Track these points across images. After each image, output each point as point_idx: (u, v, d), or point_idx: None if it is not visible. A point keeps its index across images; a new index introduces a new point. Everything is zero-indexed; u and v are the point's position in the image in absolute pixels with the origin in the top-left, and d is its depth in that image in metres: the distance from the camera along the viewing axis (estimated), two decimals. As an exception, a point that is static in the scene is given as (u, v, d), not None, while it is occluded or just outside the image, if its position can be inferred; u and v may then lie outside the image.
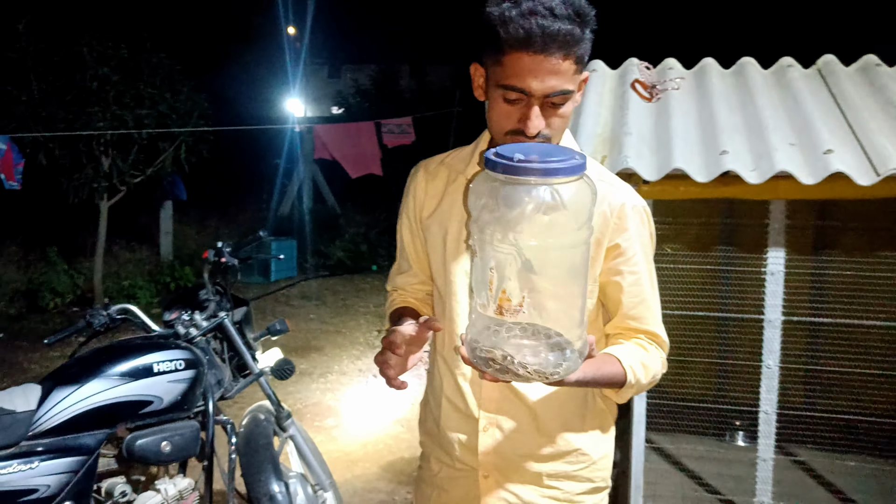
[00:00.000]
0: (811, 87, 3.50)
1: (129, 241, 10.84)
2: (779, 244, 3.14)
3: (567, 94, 1.33)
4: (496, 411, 1.52)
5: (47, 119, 7.84)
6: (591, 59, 3.86)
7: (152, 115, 8.27)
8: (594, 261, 1.46)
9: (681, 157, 3.04)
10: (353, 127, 11.02)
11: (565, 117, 1.38)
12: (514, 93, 1.32)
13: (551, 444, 1.53)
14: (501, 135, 1.38)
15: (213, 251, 3.03)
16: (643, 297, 1.51)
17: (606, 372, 1.42)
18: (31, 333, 7.41)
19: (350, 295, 9.61)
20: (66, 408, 2.35)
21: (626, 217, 1.47)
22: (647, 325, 1.53)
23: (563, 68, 1.30)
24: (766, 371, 3.21)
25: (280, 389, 3.29)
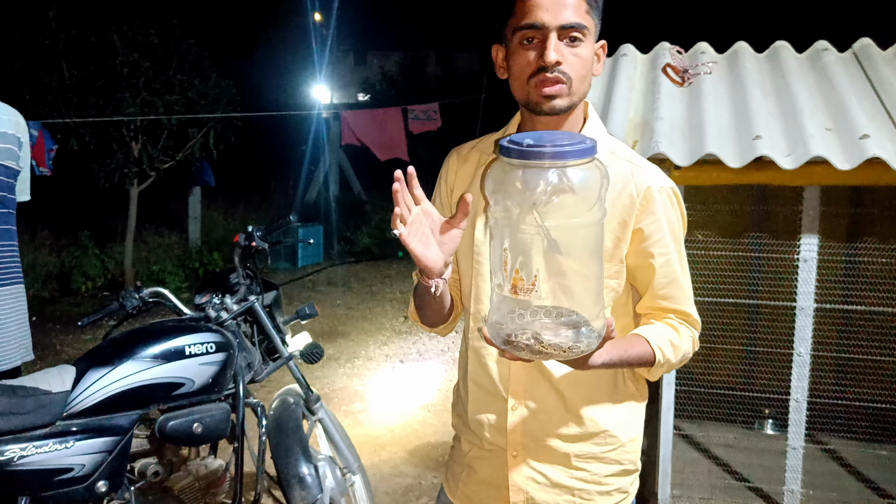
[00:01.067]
0: (847, 72, 3.44)
1: (158, 227, 10.96)
2: (812, 231, 3.10)
3: (581, 28, 1.37)
4: (524, 392, 1.53)
5: (78, 105, 7.93)
6: (622, 44, 3.84)
7: (181, 101, 8.33)
8: (620, 242, 1.48)
9: (713, 143, 3.01)
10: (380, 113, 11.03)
11: (583, 59, 1.40)
12: (529, 31, 1.38)
13: (579, 425, 1.53)
14: (524, 82, 1.42)
15: (243, 235, 3.04)
16: (673, 278, 1.52)
17: (634, 353, 1.44)
18: (63, 316, 7.53)
19: (376, 281, 9.64)
20: (100, 389, 2.38)
21: (652, 199, 1.47)
22: (679, 304, 1.53)
23: (571, 1, 1.36)
24: (797, 359, 3.18)
25: (308, 374, 3.31)
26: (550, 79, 1.38)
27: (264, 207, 14.20)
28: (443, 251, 1.37)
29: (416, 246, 1.33)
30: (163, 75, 8.28)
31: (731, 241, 3.40)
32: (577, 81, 1.40)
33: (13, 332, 2.72)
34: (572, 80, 1.39)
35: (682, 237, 1.55)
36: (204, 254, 9.78)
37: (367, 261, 11.09)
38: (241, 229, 3.16)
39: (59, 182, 8.21)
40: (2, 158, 2.70)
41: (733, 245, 3.39)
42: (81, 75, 8.01)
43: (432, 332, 1.71)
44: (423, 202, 1.36)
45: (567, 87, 1.39)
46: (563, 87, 1.39)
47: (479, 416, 1.60)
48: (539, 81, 1.39)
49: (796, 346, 3.16)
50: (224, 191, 12.22)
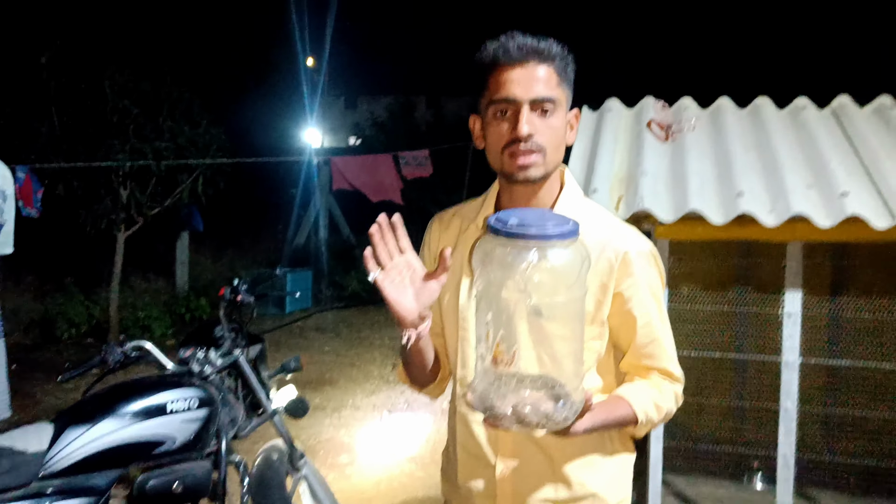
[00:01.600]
0: (826, 128, 3.50)
1: (145, 272, 10.90)
2: (796, 285, 3.12)
3: (551, 100, 1.43)
4: (512, 456, 1.54)
5: (67, 151, 7.95)
6: (606, 98, 3.90)
7: (171, 147, 8.36)
8: (601, 305, 1.52)
9: (697, 198, 3.04)
10: (371, 159, 11.09)
11: (555, 129, 1.46)
12: (502, 105, 1.44)
13: (568, 489, 1.54)
14: (499, 154, 1.47)
15: (229, 288, 3.03)
16: (654, 337, 1.55)
17: (617, 416, 1.48)
18: (45, 364, 7.43)
19: (365, 327, 9.59)
20: (78, 448, 2.34)
21: (631, 263, 1.51)
22: (660, 362, 1.57)
23: (542, 76, 1.43)
24: (783, 414, 3.17)
25: (293, 425, 3.27)
26: (524, 150, 1.43)
27: (253, 252, 14.17)
28: (418, 302, 1.39)
29: (390, 292, 1.37)
30: (153, 122, 8.32)
31: (716, 295, 3.41)
32: (550, 151, 1.45)
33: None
34: (545, 150, 1.44)
35: (662, 296, 1.58)
36: (191, 299, 9.71)
37: (356, 306, 11.04)
38: (230, 274, 3.16)
39: (45, 227, 8.18)
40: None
41: (718, 299, 3.41)
42: (71, 121, 8.04)
43: (422, 393, 1.72)
44: (409, 252, 1.39)
45: (541, 156, 1.44)
46: (537, 157, 1.44)
47: (468, 482, 1.60)
48: (512, 153, 1.44)
49: (783, 400, 3.16)
50: (212, 235, 12.19)
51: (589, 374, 1.55)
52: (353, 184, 10.62)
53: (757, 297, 3.35)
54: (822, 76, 10.25)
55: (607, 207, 3.11)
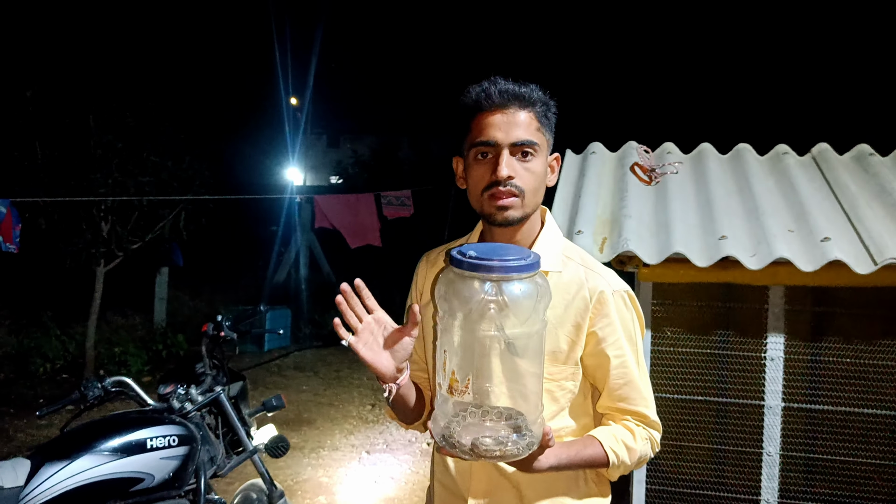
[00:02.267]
0: (807, 175, 3.56)
1: (122, 307, 10.76)
2: (778, 329, 3.15)
3: (531, 144, 1.47)
4: (484, 492, 1.56)
5: (49, 184, 7.90)
6: (591, 142, 3.95)
7: (154, 182, 8.34)
8: (575, 345, 1.53)
9: (680, 241, 3.07)
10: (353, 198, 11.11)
11: (535, 173, 1.49)
12: (483, 147, 1.48)
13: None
14: (479, 195, 1.50)
15: (211, 324, 3.01)
16: (629, 379, 1.56)
17: (586, 455, 1.49)
18: (18, 400, 7.29)
19: (343, 366, 9.51)
20: (55, 484, 2.30)
21: (606, 303, 1.53)
22: (635, 405, 1.57)
23: (523, 120, 1.47)
24: (766, 458, 3.18)
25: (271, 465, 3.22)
26: (503, 192, 1.46)
27: (233, 288, 14.06)
28: (394, 358, 1.41)
29: (365, 353, 1.39)
30: (136, 156, 8.30)
31: (699, 338, 3.43)
32: (529, 194, 1.49)
33: None
34: (525, 192, 1.48)
35: (638, 339, 1.59)
36: (169, 335, 9.59)
37: (334, 345, 10.95)
38: (209, 310, 3.14)
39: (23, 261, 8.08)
40: None
41: (701, 341, 3.42)
42: (55, 155, 8.00)
43: (411, 429, 1.73)
44: (376, 311, 1.41)
45: (520, 199, 1.48)
46: (516, 200, 1.47)
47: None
48: (492, 194, 1.47)
49: (765, 445, 3.17)
50: (192, 271, 12.09)
51: (561, 414, 1.56)
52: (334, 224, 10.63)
53: (739, 340, 3.37)
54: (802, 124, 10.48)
55: (591, 249, 3.14)
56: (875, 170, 3.49)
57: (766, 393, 3.15)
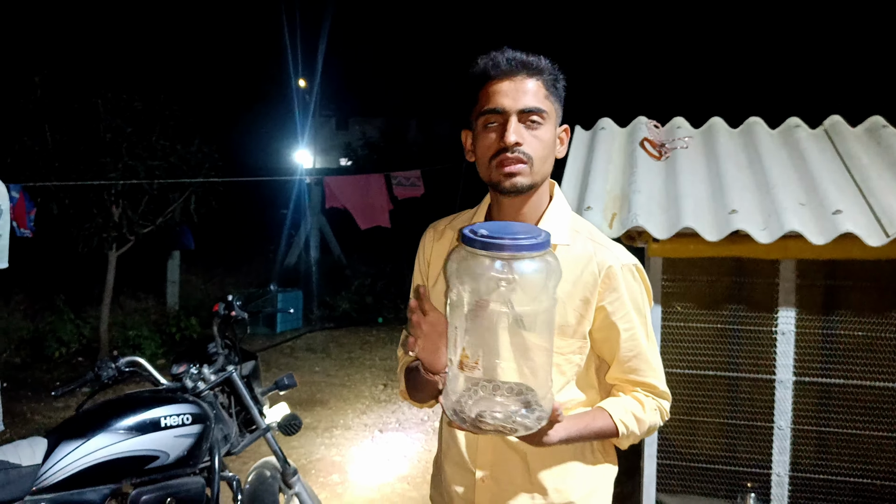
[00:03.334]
0: (818, 147, 3.53)
1: (135, 291, 10.83)
2: (789, 303, 3.13)
3: (540, 111, 1.47)
4: (491, 464, 1.57)
5: (60, 169, 7.93)
6: (600, 118, 3.93)
7: (163, 166, 8.36)
8: (583, 319, 1.53)
9: (690, 216, 3.06)
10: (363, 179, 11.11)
11: (543, 141, 1.48)
12: (490, 115, 1.48)
13: (545, 497, 1.56)
14: (487, 163, 1.50)
15: (223, 304, 3.02)
16: (638, 351, 1.57)
17: (596, 427, 1.51)
18: (35, 383, 7.36)
19: (355, 347, 9.55)
20: (72, 462, 2.33)
21: (614, 277, 1.53)
22: (645, 377, 1.58)
23: (530, 88, 1.47)
24: (777, 432, 3.18)
25: (284, 444, 3.24)
26: (511, 158, 1.45)
27: (244, 271, 14.11)
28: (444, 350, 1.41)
29: (426, 358, 1.43)
30: (145, 141, 8.32)
31: (710, 313, 3.43)
32: (538, 162, 1.48)
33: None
34: (533, 159, 1.47)
35: (647, 312, 1.60)
36: (181, 318, 9.65)
37: (346, 326, 11.00)
38: (220, 293, 3.15)
39: (37, 245, 8.13)
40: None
41: (711, 317, 3.42)
42: (64, 140, 8.03)
43: (422, 408, 1.73)
44: (430, 313, 1.40)
45: (528, 166, 1.47)
46: (524, 167, 1.46)
47: (451, 488, 1.64)
48: (500, 161, 1.47)
49: (777, 419, 3.17)
50: (204, 254, 12.14)
51: (568, 387, 1.57)
52: (345, 205, 10.64)
53: (750, 315, 3.36)
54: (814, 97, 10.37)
55: (601, 225, 3.13)
56: (888, 142, 3.46)
57: (778, 367, 3.14)
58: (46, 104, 7.89)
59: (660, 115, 3.94)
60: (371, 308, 11.55)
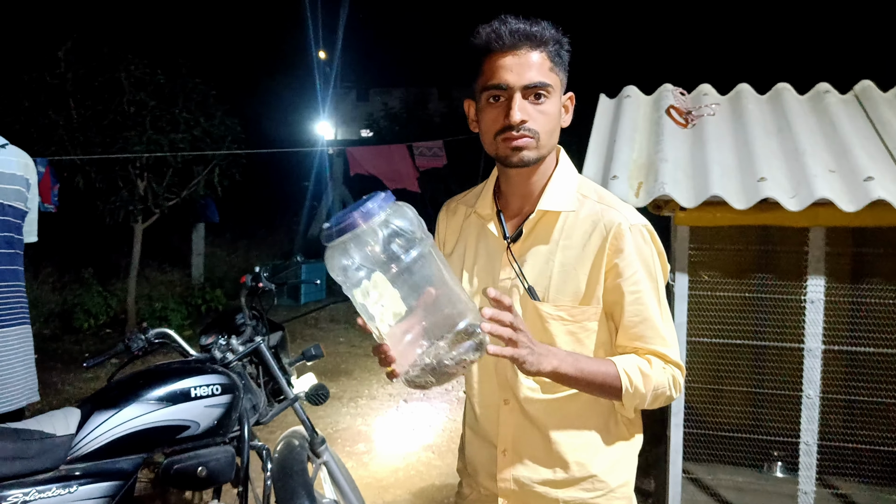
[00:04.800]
0: (849, 113, 3.47)
1: (161, 263, 10.96)
2: (818, 272, 3.10)
3: (544, 86, 1.44)
4: (513, 437, 1.57)
5: (85, 143, 7.99)
6: (625, 86, 3.88)
7: (187, 139, 8.40)
8: (595, 283, 1.50)
9: (718, 184, 3.02)
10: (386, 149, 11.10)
11: (548, 115, 1.46)
12: (495, 91, 1.45)
13: (566, 471, 1.55)
14: (492, 139, 1.48)
15: (250, 276, 3.04)
16: (645, 316, 1.50)
17: (595, 370, 1.43)
18: (65, 354, 7.50)
19: (379, 318, 9.61)
20: (105, 432, 2.36)
21: (622, 237, 1.49)
22: (653, 344, 1.51)
23: (535, 62, 1.44)
24: (805, 401, 3.16)
25: (311, 414, 3.28)
26: (516, 135, 1.44)
27: (268, 243, 14.22)
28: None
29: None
30: (168, 114, 8.35)
31: (737, 282, 3.40)
32: (544, 136, 1.47)
33: (19, 373, 2.73)
34: (539, 134, 1.46)
35: (658, 276, 1.54)
36: (207, 290, 9.76)
37: (369, 297, 11.06)
38: (245, 265, 3.17)
39: (64, 219, 8.23)
40: (10, 200, 2.72)
41: (739, 285, 3.39)
42: (88, 114, 8.08)
43: None
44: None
45: (534, 141, 1.45)
46: (531, 141, 1.45)
47: (474, 460, 1.66)
48: (505, 138, 1.45)
49: (805, 388, 3.14)
50: (228, 227, 12.24)
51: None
52: (370, 170, 10.64)
53: (778, 283, 3.32)
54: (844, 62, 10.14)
55: (627, 194, 3.10)
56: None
57: (806, 336, 3.11)
58: (70, 78, 7.93)
59: (686, 83, 3.88)
60: (394, 279, 11.58)
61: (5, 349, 2.69)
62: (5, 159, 2.75)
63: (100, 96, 8.12)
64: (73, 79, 7.93)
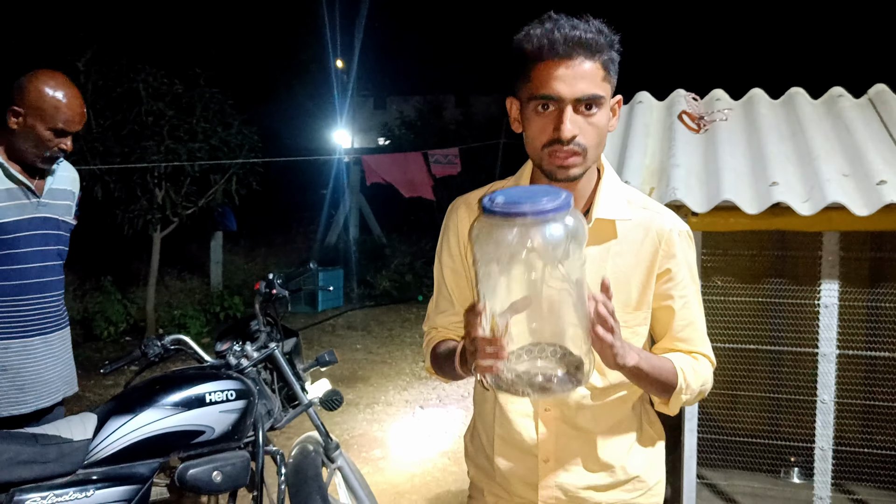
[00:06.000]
0: (863, 117, 3.45)
1: (180, 271, 11.06)
2: (832, 276, 3.08)
3: (597, 98, 1.38)
4: (555, 447, 1.54)
5: (104, 153, 8.09)
6: (637, 91, 3.88)
7: (205, 148, 8.48)
8: (647, 289, 1.51)
9: (730, 189, 3.02)
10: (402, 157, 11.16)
11: (599, 127, 1.41)
12: (545, 101, 1.38)
13: (611, 475, 1.56)
14: (539, 149, 1.43)
15: (264, 283, 3.07)
16: (691, 320, 1.55)
17: (660, 365, 1.45)
18: (85, 361, 7.57)
19: (395, 325, 9.64)
20: (122, 437, 2.40)
21: (674, 243, 1.51)
22: (696, 346, 1.56)
23: (588, 72, 1.36)
24: (821, 406, 3.14)
25: (327, 420, 3.30)
26: (566, 151, 1.39)
27: (285, 251, 14.31)
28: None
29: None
30: (186, 123, 8.44)
31: (751, 287, 3.39)
32: (591, 149, 1.41)
33: (60, 371, 2.84)
34: (587, 149, 1.40)
35: (697, 278, 1.58)
36: (225, 298, 9.83)
37: (386, 304, 11.10)
38: (262, 273, 3.20)
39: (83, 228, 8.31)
40: (62, 214, 2.88)
41: (753, 290, 3.38)
42: (107, 124, 8.18)
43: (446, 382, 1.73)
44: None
45: (582, 157, 1.40)
46: (578, 159, 1.40)
47: (507, 470, 1.59)
48: (553, 152, 1.40)
49: (820, 392, 3.13)
50: (245, 235, 12.33)
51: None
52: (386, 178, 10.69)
53: (792, 288, 3.31)
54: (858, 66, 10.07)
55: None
56: (936, 110, 3.36)
57: (821, 340, 3.10)
58: (89, 89, 8.03)
59: (698, 88, 3.88)
60: (411, 286, 11.62)
61: (49, 351, 2.80)
62: (60, 175, 2.89)
63: (118, 106, 8.22)
64: (93, 89, 8.02)
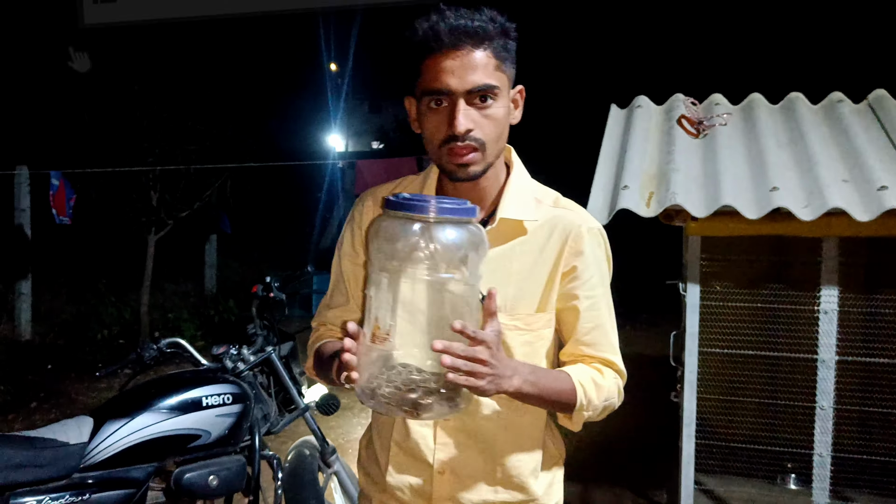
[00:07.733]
0: (863, 123, 3.45)
1: (174, 274, 11.00)
2: (832, 282, 3.08)
3: (490, 88, 1.31)
4: (451, 456, 1.45)
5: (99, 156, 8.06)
6: (636, 96, 3.88)
7: (199, 150, 8.45)
8: (551, 290, 1.43)
9: (730, 194, 3.01)
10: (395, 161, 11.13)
11: (497, 120, 1.34)
12: (437, 96, 1.32)
13: (508, 491, 1.47)
14: (437, 148, 1.36)
15: (261, 286, 3.06)
16: (598, 323, 1.46)
17: (552, 384, 1.36)
18: (79, 364, 7.52)
19: (390, 329, 9.60)
20: (117, 441, 2.37)
21: (582, 240, 1.43)
22: (603, 351, 1.46)
23: (479, 61, 1.29)
24: (819, 412, 3.14)
25: (322, 424, 3.28)
26: (462, 148, 1.32)
27: (280, 254, 14.26)
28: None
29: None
30: (181, 126, 8.41)
31: (750, 292, 3.38)
32: (490, 143, 1.35)
33: None
34: (486, 143, 1.34)
35: (608, 281, 1.50)
36: (219, 301, 9.80)
37: (381, 309, 11.06)
38: (257, 276, 3.18)
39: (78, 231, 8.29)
40: None
41: (751, 296, 3.37)
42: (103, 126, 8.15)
43: None
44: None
45: (480, 153, 1.34)
46: (477, 155, 1.34)
47: (399, 478, 1.50)
48: (450, 150, 1.33)
49: (818, 399, 3.12)
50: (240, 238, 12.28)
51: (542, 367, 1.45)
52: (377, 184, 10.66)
53: (791, 294, 3.31)
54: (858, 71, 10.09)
55: (638, 204, 3.09)
56: (935, 116, 3.37)
57: (820, 347, 3.10)
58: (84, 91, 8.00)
59: (697, 93, 3.88)
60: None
61: None
62: None
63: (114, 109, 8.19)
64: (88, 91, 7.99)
